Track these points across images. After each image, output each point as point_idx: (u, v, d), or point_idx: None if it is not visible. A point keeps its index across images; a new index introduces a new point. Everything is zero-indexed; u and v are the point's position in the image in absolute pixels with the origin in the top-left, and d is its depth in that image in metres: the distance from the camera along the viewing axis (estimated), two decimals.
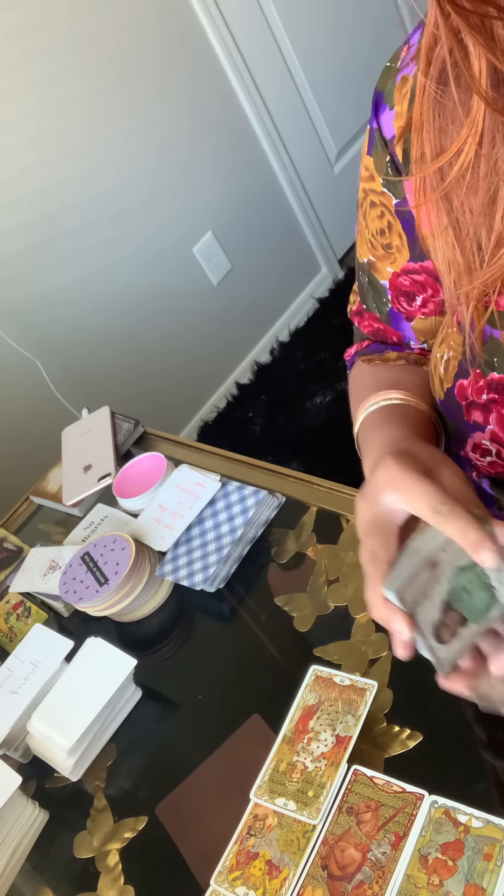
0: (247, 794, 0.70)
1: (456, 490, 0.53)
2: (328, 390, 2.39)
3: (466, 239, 0.56)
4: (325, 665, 0.77)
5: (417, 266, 0.68)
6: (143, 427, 1.24)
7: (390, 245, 0.68)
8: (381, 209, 0.67)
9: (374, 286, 0.74)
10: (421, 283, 0.69)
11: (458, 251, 0.56)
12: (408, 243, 0.67)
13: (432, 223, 0.59)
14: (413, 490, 0.52)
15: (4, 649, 1.02)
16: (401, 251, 0.68)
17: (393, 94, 0.61)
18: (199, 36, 2.26)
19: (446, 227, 0.56)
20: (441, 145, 0.53)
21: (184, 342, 2.46)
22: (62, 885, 0.78)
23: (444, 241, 0.57)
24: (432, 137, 0.54)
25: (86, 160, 2.10)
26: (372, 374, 0.80)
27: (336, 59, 2.62)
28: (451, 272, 0.58)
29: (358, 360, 0.84)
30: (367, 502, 0.56)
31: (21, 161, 1.98)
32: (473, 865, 0.58)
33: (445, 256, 0.58)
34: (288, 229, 2.68)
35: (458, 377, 0.67)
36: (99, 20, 2.04)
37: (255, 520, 0.95)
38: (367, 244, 0.71)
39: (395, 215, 0.66)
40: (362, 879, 0.61)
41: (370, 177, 0.66)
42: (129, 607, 0.94)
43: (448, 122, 0.52)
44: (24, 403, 2.10)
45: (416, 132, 0.55)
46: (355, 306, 0.81)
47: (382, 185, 0.65)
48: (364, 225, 0.71)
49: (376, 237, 0.69)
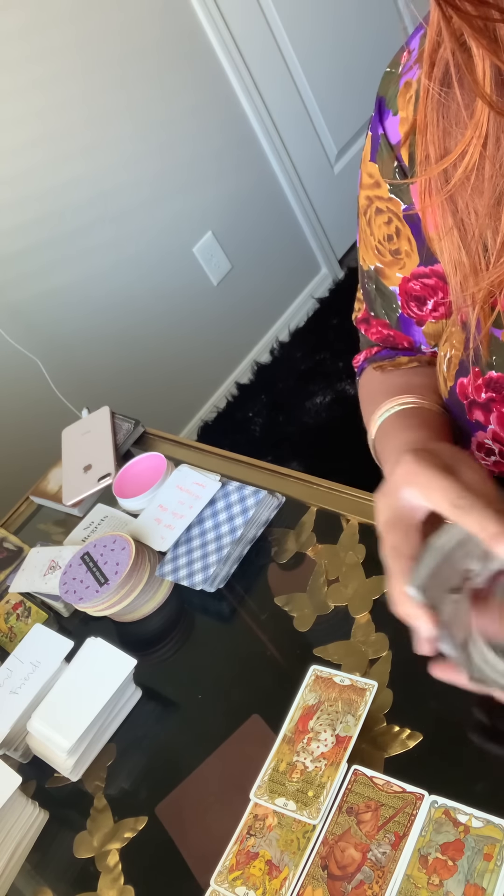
0: (247, 794, 0.70)
1: (477, 486, 0.53)
2: (328, 390, 2.39)
3: (472, 240, 0.56)
4: (325, 665, 0.77)
5: (427, 270, 0.67)
6: (143, 427, 1.24)
7: (399, 251, 0.68)
8: (388, 215, 0.66)
9: (382, 293, 0.73)
10: (431, 287, 0.69)
11: (463, 253, 0.56)
12: (417, 248, 0.67)
13: (438, 225, 0.58)
14: (432, 485, 0.52)
15: (4, 649, 1.02)
16: (410, 256, 0.67)
17: (396, 100, 0.61)
18: (199, 36, 2.26)
19: (451, 228, 0.56)
20: (445, 147, 0.53)
21: (184, 342, 2.46)
22: (62, 885, 0.78)
23: (450, 242, 0.57)
24: (436, 139, 0.54)
25: (86, 161, 2.10)
26: (383, 381, 0.79)
27: (336, 59, 2.62)
28: (458, 273, 0.58)
29: (368, 367, 0.83)
30: (386, 498, 0.56)
31: (22, 161, 1.98)
32: (473, 865, 0.58)
33: (451, 258, 0.58)
34: (288, 229, 2.68)
35: (458, 375, 0.67)
36: (99, 21, 2.04)
37: (255, 520, 0.95)
38: (373, 251, 0.71)
39: (404, 220, 0.65)
40: (362, 879, 0.61)
41: (375, 184, 0.66)
42: (129, 607, 0.94)
43: (452, 124, 0.52)
44: (25, 403, 2.10)
45: (421, 134, 0.55)
46: (361, 314, 0.80)
47: (390, 191, 0.65)
48: (369, 232, 0.70)
49: (383, 243, 0.69)
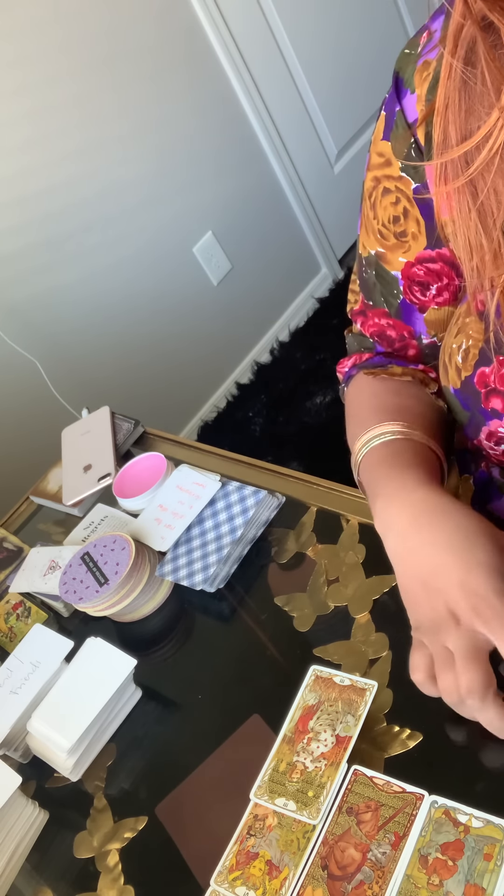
0: (247, 794, 0.70)
1: None
2: (328, 390, 2.39)
3: (493, 224, 0.54)
4: (325, 665, 0.76)
5: (434, 253, 0.66)
6: (143, 427, 1.24)
7: (405, 233, 0.67)
8: (395, 195, 0.65)
9: (382, 279, 0.72)
10: (436, 272, 0.68)
11: (483, 236, 0.55)
12: (426, 229, 0.65)
13: (453, 209, 0.57)
14: None
15: (4, 649, 1.02)
16: (417, 238, 0.67)
17: (413, 78, 0.60)
18: (199, 36, 2.26)
19: (470, 211, 0.55)
20: (468, 129, 0.52)
21: (184, 342, 2.46)
22: (62, 885, 0.78)
23: (468, 226, 0.56)
24: (458, 119, 0.52)
25: (86, 160, 2.10)
26: (374, 395, 0.77)
27: (336, 59, 2.62)
28: (474, 257, 0.57)
29: (359, 374, 0.81)
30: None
31: (22, 161, 1.98)
32: (473, 865, 0.58)
33: (468, 242, 0.57)
34: (288, 229, 2.68)
35: (478, 365, 0.66)
36: (99, 20, 2.05)
37: (255, 520, 0.95)
38: (374, 235, 0.70)
39: (413, 201, 0.65)
40: (362, 879, 0.61)
41: (386, 162, 0.65)
42: (129, 607, 0.94)
43: (476, 105, 0.51)
44: (24, 404, 2.10)
45: (440, 115, 0.53)
46: (357, 305, 0.78)
47: (401, 170, 0.64)
48: (372, 216, 0.69)
49: (388, 226, 0.68)
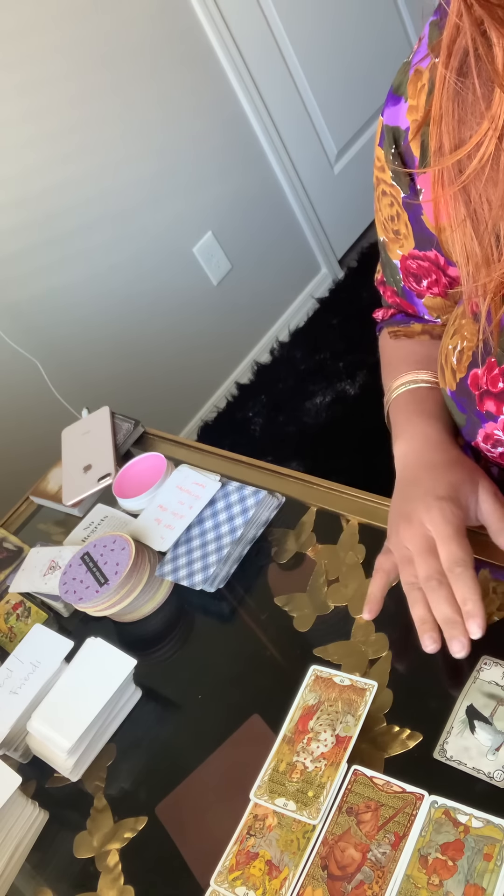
0: (247, 794, 0.70)
1: None
2: (328, 390, 2.39)
3: (485, 231, 0.56)
4: (325, 665, 0.76)
5: (421, 255, 0.70)
6: (143, 427, 1.24)
7: (399, 231, 0.71)
8: (390, 199, 0.69)
9: (388, 263, 0.77)
10: (426, 269, 0.71)
11: (475, 243, 0.57)
12: (413, 233, 0.69)
13: (450, 215, 0.59)
14: None
15: (4, 649, 1.02)
16: (407, 238, 0.70)
17: (406, 87, 0.61)
18: (199, 36, 2.26)
19: (464, 218, 0.56)
20: (460, 137, 0.53)
21: (184, 342, 2.46)
22: (62, 885, 0.78)
23: (462, 232, 0.57)
24: (451, 129, 0.53)
25: (86, 160, 2.10)
26: (401, 348, 0.84)
27: (336, 60, 2.61)
28: (469, 263, 0.58)
29: (385, 331, 0.88)
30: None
31: (22, 161, 1.98)
32: (473, 865, 0.58)
33: (463, 248, 0.58)
34: (288, 229, 2.68)
35: (471, 367, 0.67)
36: (100, 20, 2.04)
37: (255, 520, 0.95)
38: (381, 225, 0.74)
39: (403, 207, 0.68)
40: (362, 879, 0.61)
41: (381, 168, 0.68)
42: (129, 607, 0.94)
43: (468, 115, 0.52)
44: (24, 404, 2.10)
45: (435, 124, 0.54)
46: (380, 275, 0.84)
47: (391, 178, 0.67)
48: (378, 208, 0.73)
49: (387, 222, 0.72)
